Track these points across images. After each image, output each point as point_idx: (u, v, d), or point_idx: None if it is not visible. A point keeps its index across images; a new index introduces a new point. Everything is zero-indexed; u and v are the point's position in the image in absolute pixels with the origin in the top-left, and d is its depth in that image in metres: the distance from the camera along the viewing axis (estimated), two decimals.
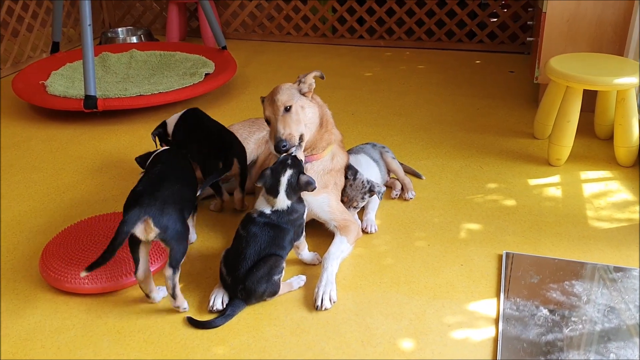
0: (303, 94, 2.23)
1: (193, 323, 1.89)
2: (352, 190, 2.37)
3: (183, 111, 2.66)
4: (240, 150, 2.45)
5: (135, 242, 1.86)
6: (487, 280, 2.08)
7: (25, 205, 2.64)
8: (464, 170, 2.87)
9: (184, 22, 5.25)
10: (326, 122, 2.30)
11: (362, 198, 2.38)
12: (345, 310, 1.95)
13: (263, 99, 2.27)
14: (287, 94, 2.19)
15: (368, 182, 2.37)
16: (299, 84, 2.24)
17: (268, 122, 2.21)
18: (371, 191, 2.36)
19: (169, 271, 1.86)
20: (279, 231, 1.99)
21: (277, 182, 1.99)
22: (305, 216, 2.10)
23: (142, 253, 1.89)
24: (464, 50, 4.86)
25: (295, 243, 2.10)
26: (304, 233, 2.12)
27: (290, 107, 2.16)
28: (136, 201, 1.83)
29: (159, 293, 1.99)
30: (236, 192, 2.51)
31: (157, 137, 2.65)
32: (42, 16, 4.76)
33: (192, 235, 2.32)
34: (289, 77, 4.24)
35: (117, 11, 5.56)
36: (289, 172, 2.00)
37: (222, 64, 4.08)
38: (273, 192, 2.00)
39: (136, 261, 1.90)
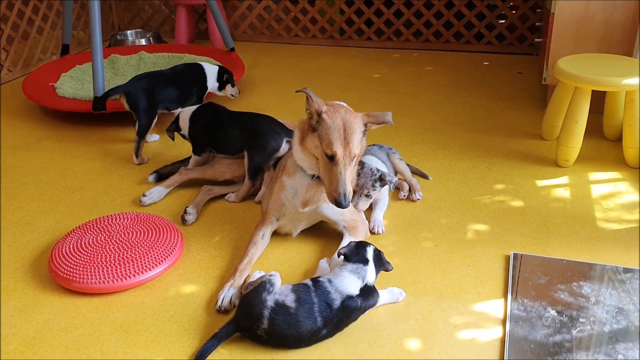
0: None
1: None
2: (362, 178, 2.36)
3: (196, 107, 2.81)
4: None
5: None
6: (494, 281, 2.08)
7: (34, 205, 2.66)
8: (472, 171, 2.86)
9: (193, 25, 5.28)
10: None
11: (373, 186, 2.36)
12: None
13: (308, 95, 2.06)
14: (357, 138, 2.04)
15: (378, 170, 2.36)
16: (365, 126, 2.10)
17: (331, 157, 2.02)
18: (382, 180, 2.35)
19: (136, 137, 2.99)
20: None
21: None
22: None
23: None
24: (472, 51, 4.85)
25: None
26: None
27: (357, 155, 2.06)
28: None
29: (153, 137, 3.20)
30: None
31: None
32: (52, 19, 4.80)
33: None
34: (297, 79, 4.27)
35: (127, 14, 5.60)
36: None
37: (230, 66, 4.08)
38: None
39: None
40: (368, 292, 1.86)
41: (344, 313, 1.80)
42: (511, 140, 3.17)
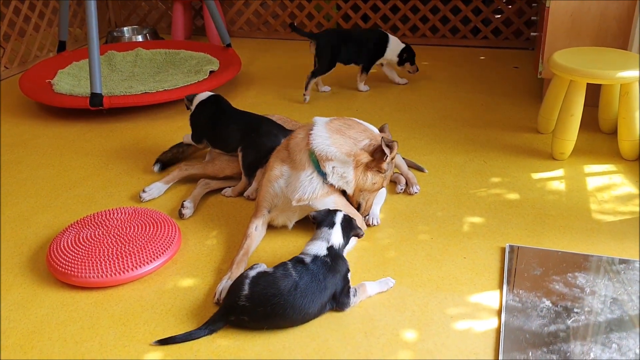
0: None
1: (166, 342, 1.82)
2: None
3: (208, 95, 2.82)
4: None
5: None
6: (489, 273, 2.09)
7: (32, 201, 2.66)
8: (468, 164, 2.87)
9: (189, 21, 5.28)
10: None
11: None
12: None
13: (388, 146, 2.18)
14: None
15: None
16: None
17: (380, 171, 2.24)
18: None
19: (310, 74, 3.74)
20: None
21: None
22: None
23: None
24: (468, 46, 4.86)
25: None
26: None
27: None
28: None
29: None
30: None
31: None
32: (49, 16, 4.80)
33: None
34: (294, 74, 4.27)
35: (123, 11, 5.60)
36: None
37: (226, 61, 4.10)
38: None
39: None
40: (335, 255, 1.95)
41: (316, 267, 1.88)
42: (507, 134, 3.19)
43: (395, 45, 3.88)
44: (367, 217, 2.39)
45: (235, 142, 2.63)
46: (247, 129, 2.62)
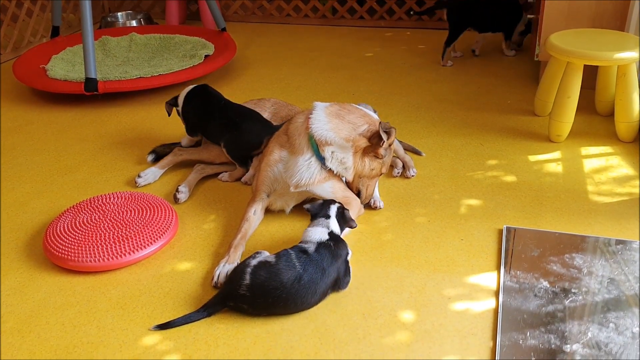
0: None
1: (165, 326, 1.82)
2: None
3: (193, 87, 2.77)
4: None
5: None
6: (487, 254, 2.10)
7: (28, 187, 2.65)
8: (465, 147, 2.87)
9: (184, 6, 5.24)
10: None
11: None
12: None
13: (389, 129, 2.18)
14: None
15: None
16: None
17: (377, 157, 2.22)
18: None
19: (444, 44, 3.89)
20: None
21: None
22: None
23: None
24: None
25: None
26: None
27: None
28: None
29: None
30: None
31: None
32: (42, 1, 4.74)
33: None
34: (289, 58, 4.26)
35: None
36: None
37: (221, 45, 4.07)
38: None
39: None
40: (337, 239, 1.95)
41: (320, 256, 1.86)
42: (504, 117, 3.18)
43: (524, 17, 4.03)
44: (372, 201, 2.39)
45: (218, 136, 2.61)
46: (230, 125, 2.58)
